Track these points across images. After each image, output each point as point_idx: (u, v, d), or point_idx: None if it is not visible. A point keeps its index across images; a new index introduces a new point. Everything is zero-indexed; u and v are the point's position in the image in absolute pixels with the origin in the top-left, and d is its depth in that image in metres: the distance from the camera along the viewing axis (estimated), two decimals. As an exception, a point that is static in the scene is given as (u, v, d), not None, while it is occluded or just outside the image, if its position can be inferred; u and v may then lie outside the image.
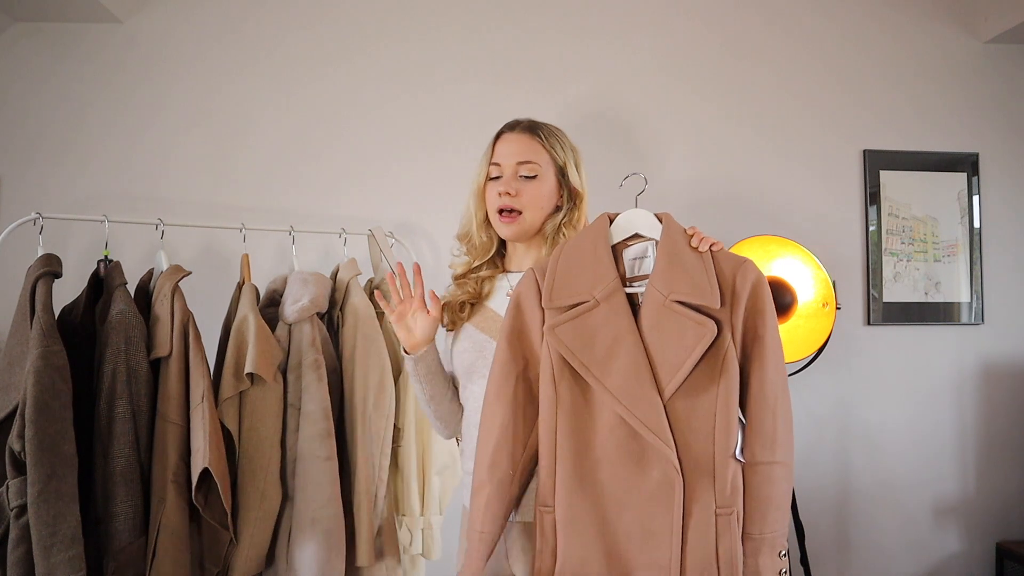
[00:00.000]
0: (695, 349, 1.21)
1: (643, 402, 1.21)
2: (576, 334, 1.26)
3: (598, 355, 1.24)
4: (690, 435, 1.22)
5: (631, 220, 1.36)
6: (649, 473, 1.22)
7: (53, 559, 1.43)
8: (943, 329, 2.54)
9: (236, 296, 1.89)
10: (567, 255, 1.33)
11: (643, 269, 1.33)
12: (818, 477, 2.47)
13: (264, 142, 2.38)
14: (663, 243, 1.31)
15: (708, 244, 1.31)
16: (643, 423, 1.20)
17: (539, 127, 1.53)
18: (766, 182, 2.51)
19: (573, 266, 1.31)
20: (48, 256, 1.63)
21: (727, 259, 1.29)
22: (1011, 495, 2.52)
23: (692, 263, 1.27)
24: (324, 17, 2.42)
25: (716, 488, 1.21)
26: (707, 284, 1.24)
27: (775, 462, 1.24)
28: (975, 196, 2.55)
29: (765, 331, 1.26)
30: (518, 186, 1.48)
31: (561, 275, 1.31)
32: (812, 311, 2.27)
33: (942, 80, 2.58)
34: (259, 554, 1.74)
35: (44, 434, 1.46)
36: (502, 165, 1.49)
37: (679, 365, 1.21)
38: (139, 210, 2.22)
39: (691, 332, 1.22)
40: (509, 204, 1.47)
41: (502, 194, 1.47)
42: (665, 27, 2.51)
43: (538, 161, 1.49)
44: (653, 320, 1.25)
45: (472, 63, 2.44)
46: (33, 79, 2.34)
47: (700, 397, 1.23)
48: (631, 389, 1.22)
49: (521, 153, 1.49)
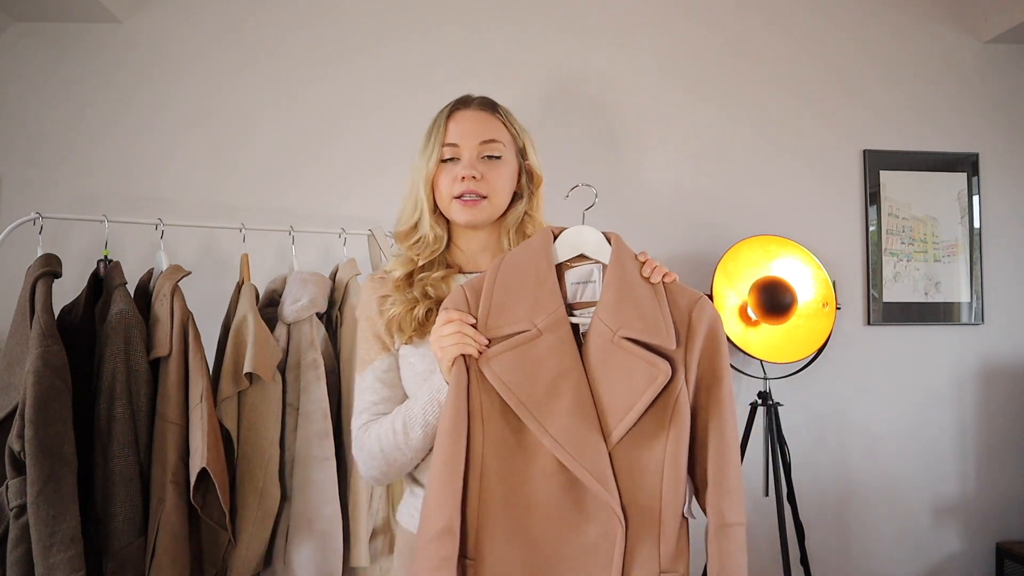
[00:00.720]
0: (645, 392, 1.09)
1: (588, 448, 1.08)
2: (515, 368, 1.11)
3: (539, 393, 1.10)
4: (635, 487, 1.09)
5: (578, 238, 1.22)
6: (587, 527, 1.09)
7: (52, 559, 1.43)
8: (943, 329, 2.54)
9: (235, 296, 1.89)
10: (506, 275, 1.17)
11: (587, 295, 1.19)
12: (818, 477, 2.46)
13: (264, 142, 2.38)
14: (612, 269, 1.17)
15: (661, 275, 1.18)
16: (587, 471, 1.07)
17: (496, 104, 1.37)
18: (766, 182, 2.51)
19: (513, 288, 1.16)
20: (48, 256, 1.63)
21: (681, 293, 1.17)
22: (1011, 495, 2.52)
23: (644, 295, 1.15)
24: (324, 17, 2.42)
25: (661, 548, 1.09)
26: (661, 320, 1.12)
27: (741, 523, 1.13)
28: (975, 196, 2.55)
29: (723, 375, 1.14)
30: (482, 168, 1.30)
31: (499, 297, 1.15)
32: (812, 311, 2.27)
33: (942, 80, 2.57)
34: (257, 554, 1.74)
35: (44, 434, 1.46)
36: (460, 146, 1.30)
37: (627, 409, 1.09)
38: (139, 210, 2.22)
39: (641, 373, 1.09)
40: (474, 189, 1.28)
41: (465, 178, 1.28)
42: (665, 27, 2.51)
43: (502, 140, 1.33)
44: (599, 357, 1.12)
45: (472, 63, 2.44)
46: (33, 79, 2.35)
47: (648, 445, 1.10)
48: (575, 433, 1.08)
49: (483, 132, 1.32)
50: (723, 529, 1.11)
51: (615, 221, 2.40)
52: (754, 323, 2.24)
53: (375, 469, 1.25)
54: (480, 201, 1.29)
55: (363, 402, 1.29)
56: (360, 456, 1.27)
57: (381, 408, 1.27)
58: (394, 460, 1.23)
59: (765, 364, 2.30)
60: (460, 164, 1.30)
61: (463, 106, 1.35)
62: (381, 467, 1.24)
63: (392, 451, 1.22)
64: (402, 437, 1.21)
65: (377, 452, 1.23)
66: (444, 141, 1.31)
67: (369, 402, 1.28)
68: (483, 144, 1.31)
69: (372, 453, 1.24)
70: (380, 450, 1.23)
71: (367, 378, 1.29)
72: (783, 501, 2.17)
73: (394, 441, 1.21)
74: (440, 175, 1.31)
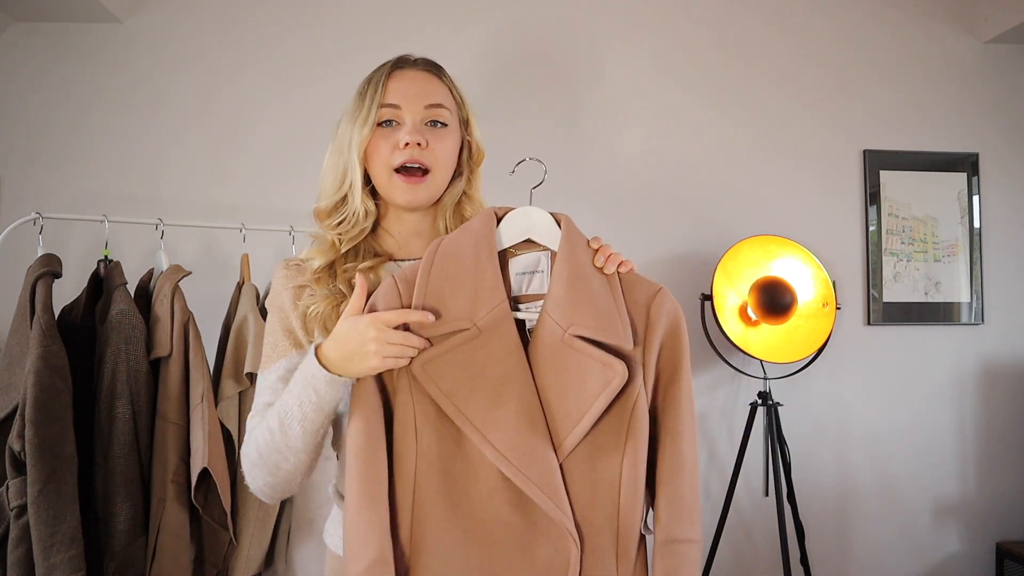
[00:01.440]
0: (600, 396, 0.97)
1: (536, 460, 0.96)
2: (453, 372, 0.98)
3: (480, 400, 0.97)
4: (590, 502, 0.98)
5: (525, 221, 1.08)
6: (538, 548, 0.97)
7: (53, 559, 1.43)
8: (943, 329, 2.54)
9: (236, 296, 1.89)
10: (443, 264, 1.03)
11: (533, 287, 1.06)
12: (818, 477, 2.46)
13: (264, 142, 2.38)
14: (562, 258, 1.04)
15: (616, 263, 1.05)
16: (536, 485, 0.95)
17: (439, 67, 1.20)
18: (766, 182, 2.51)
19: (450, 281, 1.02)
20: (48, 256, 1.63)
21: (638, 285, 1.05)
22: (1011, 495, 2.52)
23: (597, 288, 1.02)
24: (324, 17, 2.42)
25: (619, 568, 0.98)
26: (616, 316, 1.00)
27: (694, 540, 1.01)
28: (975, 196, 2.55)
29: (682, 374, 1.03)
30: (428, 135, 1.12)
31: (434, 292, 1.01)
32: (812, 311, 2.27)
33: (942, 80, 2.58)
34: (259, 554, 1.74)
35: (44, 434, 1.46)
36: (403, 108, 1.12)
37: (580, 416, 0.97)
38: (139, 210, 2.22)
39: (595, 376, 0.97)
40: (418, 159, 1.11)
41: (408, 144, 1.10)
42: (664, 27, 2.51)
43: (448, 106, 1.15)
44: (548, 358, 0.99)
45: (472, 63, 2.44)
46: (33, 79, 2.34)
47: (603, 455, 0.99)
48: (522, 444, 0.96)
49: (429, 94, 1.14)
50: (669, 546, 1.00)
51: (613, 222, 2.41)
52: (754, 323, 2.24)
53: (259, 479, 1.06)
54: (423, 178, 1.12)
55: (258, 404, 1.11)
56: (244, 466, 1.08)
57: None
58: (277, 466, 1.04)
59: (765, 364, 2.30)
60: (402, 129, 1.12)
61: (405, 64, 1.16)
62: (265, 476, 1.05)
63: (272, 454, 1.03)
64: (280, 437, 1.02)
65: (256, 458, 1.05)
66: (383, 101, 1.12)
67: (264, 404, 1.10)
68: (428, 108, 1.13)
69: (253, 460, 1.05)
70: (259, 455, 1.04)
71: (269, 377, 1.11)
72: (783, 501, 2.17)
73: (272, 442, 1.03)
74: (376, 141, 1.13)
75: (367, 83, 1.16)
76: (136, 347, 1.63)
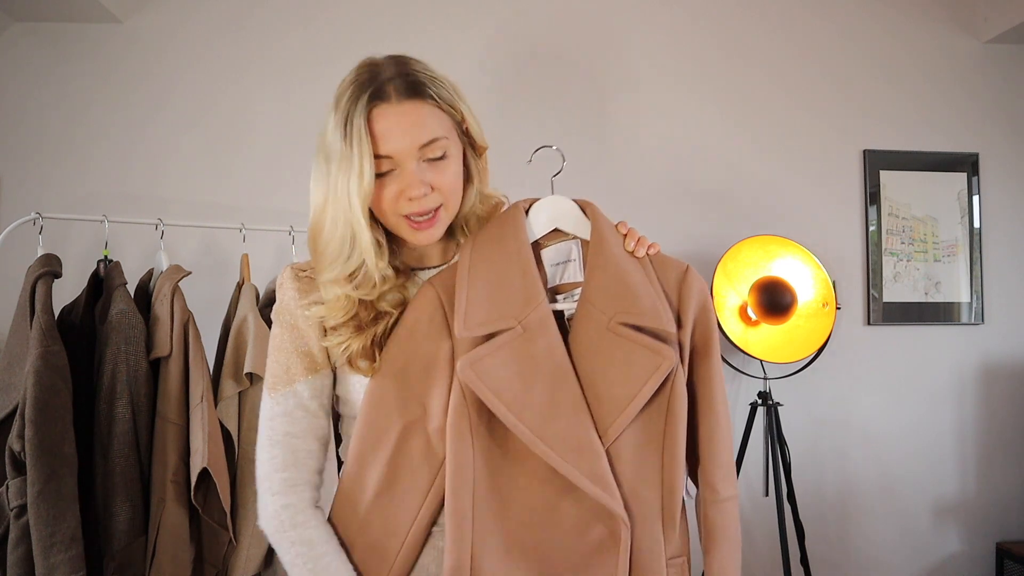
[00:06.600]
0: (648, 382, 0.99)
1: (585, 452, 0.98)
2: (500, 371, 0.98)
3: (527, 398, 0.98)
4: (636, 480, 1.01)
5: (553, 210, 1.08)
6: (590, 530, 1.00)
7: (53, 559, 1.43)
8: (943, 329, 2.54)
9: (236, 296, 1.89)
10: (480, 266, 1.03)
11: (568, 276, 1.07)
12: (818, 477, 2.46)
13: (264, 142, 2.38)
14: (595, 245, 1.05)
15: (645, 247, 1.07)
16: (586, 477, 0.97)
17: (419, 83, 1.03)
18: (766, 182, 2.51)
19: (489, 281, 1.02)
20: (48, 256, 1.63)
21: (667, 265, 1.09)
22: (1011, 495, 2.52)
23: (634, 273, 1.04)
24: (324, 17, 2.42)
25: (666, 536, 1.03)
26: (657, 300, 1.02)
27: (734, 497, 1.09)
28: (975, 196, 2.55)
29: (713, 349, 1.07)
30: (429, 176, 1.02)
31: (476, 294, 1.01)
32: (812, 311, 2.27)
33: (942, 80, 2.57)
34: (258, 554, 1.74)
35: (44, 434, 1.46)
36: (396, 157, 1.00)
37: (626, 402, 0.99)
38: (139, 210, 2.22)
39: (642, 361, 0.99)
40: (427, 206, 1.03)
41: (413, 198, 1.02)
42: (664, 27, 2.51)
43: (444, 134, 1.03)
44: (591, 346, 1.01)
45: (472, 63, 2.44)
46: (33, 79, 2.34)
47: (647, 435, 1.02)
48: (570, 437, 0.98)
49: (420, 132, 1.01)
50: (716, 504, 1.08)
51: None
52: (754, 323, 2.24)
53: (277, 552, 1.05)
54: (436, 216, 1.04)
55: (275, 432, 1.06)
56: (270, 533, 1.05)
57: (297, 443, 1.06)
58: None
59: (765, 364, 2.30)
60: (401, 178, 1.02)
61: (381, 99, 1.01)
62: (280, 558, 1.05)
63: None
64: None
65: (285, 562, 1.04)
66: (374, 152, 0.99)
67: (283, 433, 1.06)
68: (424, 147, 1.01)
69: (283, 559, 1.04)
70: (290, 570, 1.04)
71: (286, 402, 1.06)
72: (783, 501, 2.17)
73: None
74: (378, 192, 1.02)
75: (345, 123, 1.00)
76: (136, 347, 1.63)
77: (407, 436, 1.02)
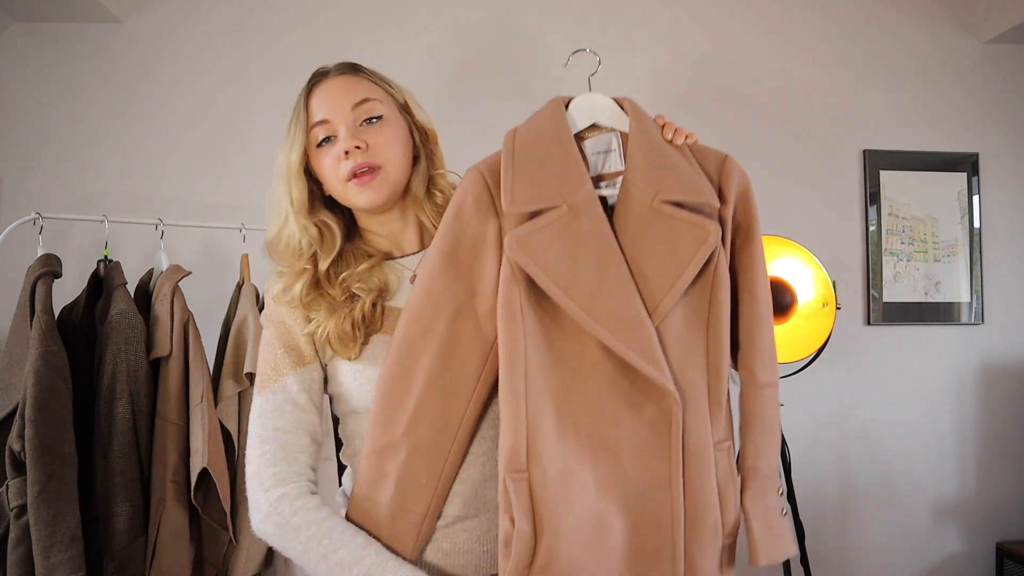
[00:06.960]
0: (694, 258, 1.00)
1: (636, 329, 0.98)
2: (548, 248, 0.99)
3: (576, 274, 0.99)
4: (684, 361, 1.02)
5: (591, 106, 1.12)
6: (642, 411, 1.01)
7: (53, 559, 1.43)
8: (943, 329, 2.54)
9: (236, 296, 1.89)
10: (524, 147, 1.06)
11: (609, 166, 1.10)
12: (818, 477, 2.46)
13: (264, 142, 2.36)
14: (635, 134, 1.08)
15: (683, 136, 1.10)
16: (637, 354, 0.97)
17: (358, 66, 1.17)
18: (766, 182, 2.50)
19: (534, 163, 1.04)
20: (48, 256, 1.63)
21: (706, 153, 1.10)
22: (1011, 495, 2.52)
23: (674, 156, 1.07)
24: (324, 17, 2.42)
25: (713, 418, 1.04)
26: (700, 179, 1.04)
27: (775, 383, 1.09)
28: (975, 196, 2.55)
29: (755, 234, 1.08)
30: (365, 136, 1.09)
31: (521, 174, 1.03)
32: (812, 311, 2.27)
33: (942, 80, 2.57)
34: (258, 554, 1.74)
35: (44, 434, 1.46)
36: (332, 121, 1.10)
37: (675, 278, 1.00)
38: (139, 210, 2.22)
39: (687, 238, 1.00)
40: (364, 162, 1.08)
41: (349, 152, 1.08)
42: (663, 27, 2.51)
43: (377, 97, 1.13)
44: (637, 226, 1.02)
45: (472, 64, 2.44)
46: (33, 79, 2.34)
47: (692, 315, 1.03)
48: (621, 314, 0.98)
49: (352, 94, 1.11)
50: (756, 389, 1.08)
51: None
52: (754, 323, 2.24)
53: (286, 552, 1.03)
54: (375, 173, 1.09)
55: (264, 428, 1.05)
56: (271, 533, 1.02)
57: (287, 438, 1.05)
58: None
59: (765, 364, 2.30)
60: (339, 140, 1.09)
61: (321, 78, 1.15)
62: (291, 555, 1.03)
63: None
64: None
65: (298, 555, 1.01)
66: (310, 123, 1.11)
67: (273, 429, 1.05)
68: (357, 108, 1.10)
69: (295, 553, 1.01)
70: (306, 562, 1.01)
71: (274, 398, 1.06)
72: (783, 501, 2.17)
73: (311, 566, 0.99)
74: (320, 161, 1.11)
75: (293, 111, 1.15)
76: (136, 347, 1.63)
77: (458, 319, 1.03)
